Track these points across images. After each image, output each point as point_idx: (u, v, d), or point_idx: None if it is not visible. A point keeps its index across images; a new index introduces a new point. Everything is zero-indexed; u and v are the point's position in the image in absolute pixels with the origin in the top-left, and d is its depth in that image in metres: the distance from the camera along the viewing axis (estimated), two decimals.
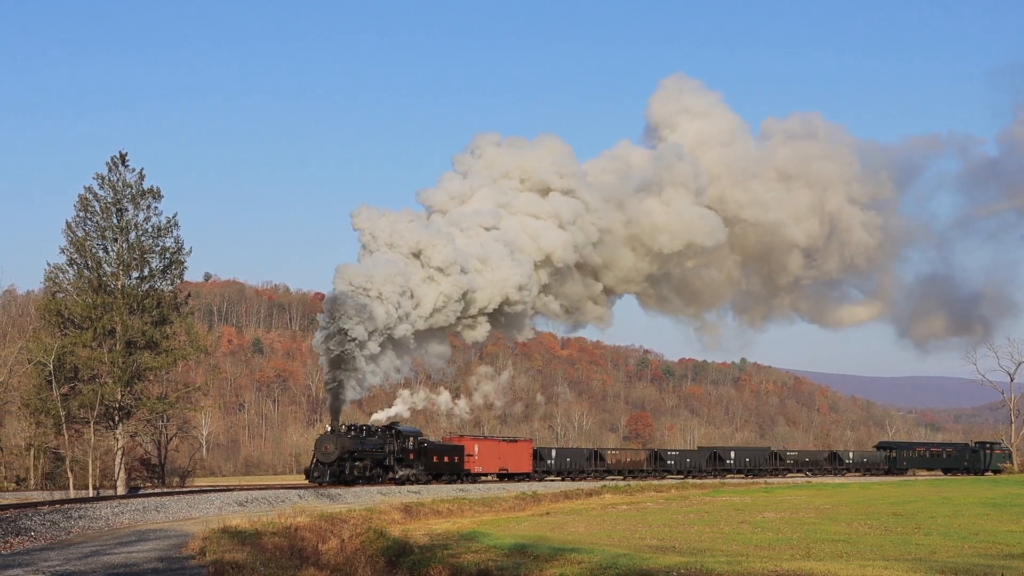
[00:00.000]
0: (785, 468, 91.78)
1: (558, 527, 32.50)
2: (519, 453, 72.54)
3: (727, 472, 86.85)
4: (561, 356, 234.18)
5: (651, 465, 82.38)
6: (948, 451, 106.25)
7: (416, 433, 60.80)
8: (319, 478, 52.72)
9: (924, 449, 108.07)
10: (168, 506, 35.47)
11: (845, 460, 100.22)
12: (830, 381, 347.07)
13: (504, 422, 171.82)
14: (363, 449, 54.70)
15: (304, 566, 22.06)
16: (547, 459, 75.79)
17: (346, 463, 53.20)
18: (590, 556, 21.06)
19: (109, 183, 55.08)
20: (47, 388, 53.09)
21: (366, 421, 65.43)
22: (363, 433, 56.09)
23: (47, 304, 55.73)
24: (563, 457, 78.08)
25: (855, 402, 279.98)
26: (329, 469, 52.60)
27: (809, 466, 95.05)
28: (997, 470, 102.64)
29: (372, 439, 56.08)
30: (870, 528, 30.32)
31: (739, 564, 19.37)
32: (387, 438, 57.39)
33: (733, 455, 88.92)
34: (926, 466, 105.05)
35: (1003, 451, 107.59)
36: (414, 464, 59.04)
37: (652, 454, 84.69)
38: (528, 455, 73.32)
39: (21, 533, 25.90)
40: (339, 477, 52.83)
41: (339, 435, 53.71)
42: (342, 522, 32.15)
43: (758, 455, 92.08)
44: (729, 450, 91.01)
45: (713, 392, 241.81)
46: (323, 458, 52.86)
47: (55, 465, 62.99)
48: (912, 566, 19.26)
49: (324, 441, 53.51)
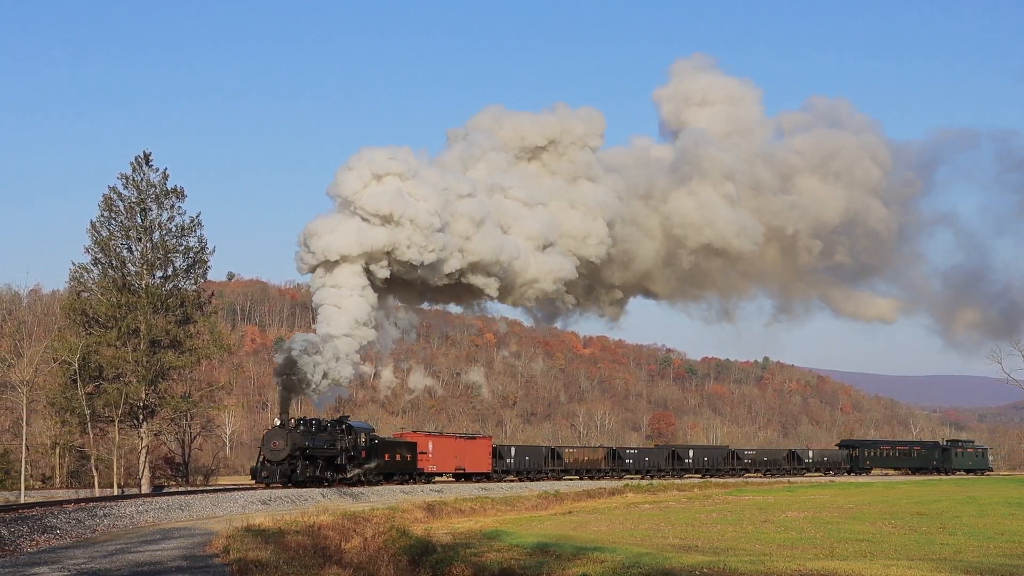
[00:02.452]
0: (743, 468, 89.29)
1: (580, 526, 32.48)
2: (477, 451, 67.52)
3: (685, 471, 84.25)
4: (583, 355, 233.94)
5: (608, 464, 79.30)
6: (917, 449, 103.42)
7: (368, 429, 55.28)
8: (267, 478, 46.61)
9: (890, 448, 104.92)
10: (192, 504, 35.62)
11: (804, 459, 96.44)
12: (854, 380, 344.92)
13: (527, 421, 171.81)
14: (314, 446, 48.46)
15: (327, 565, 22.11)
16: (507, 458, 70.91)
17: (297, 461, 46.97)
18: (613, 555, 21.03)
19: (133, 183, 55.47)
20: (72, 387, 53.48)
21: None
22: (312, 427, 49.56)
23: (72, 303, 56.18)
24: (522, 455, 73.04)
25: (879, 401, 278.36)
26: (279, 468, 46.43)
27: (767, 466, 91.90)
28: (970, 469, 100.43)
29: (323, 435, 49.72)
30: (894, 528, 30.18)
31: (762, 563, 19.30)
32: (337, 433, 51.00)
33: (692, 454, 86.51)
34: (892, 465, 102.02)
35: (977, 450, 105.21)
36: (366, 463, 53.16)
37: (610, 452, 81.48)
38: (487, 453, 68.29)
39: (47, 531, 26.06)
40: (290, 477, 46.75)
41: (289, 430, 47.48)
42: (365, 521, 32.21)
43: (716, 454, 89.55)
44: (688, 449, 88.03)
45: (736, 391, 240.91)
46: (272, 456, 46.61)
47: (80, 464, 63.42)
48: (937, 566, 19.14)
49: (273, 437, 47.04)
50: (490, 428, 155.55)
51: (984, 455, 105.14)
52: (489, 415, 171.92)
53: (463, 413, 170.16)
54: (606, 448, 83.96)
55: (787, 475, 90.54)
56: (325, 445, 49.23)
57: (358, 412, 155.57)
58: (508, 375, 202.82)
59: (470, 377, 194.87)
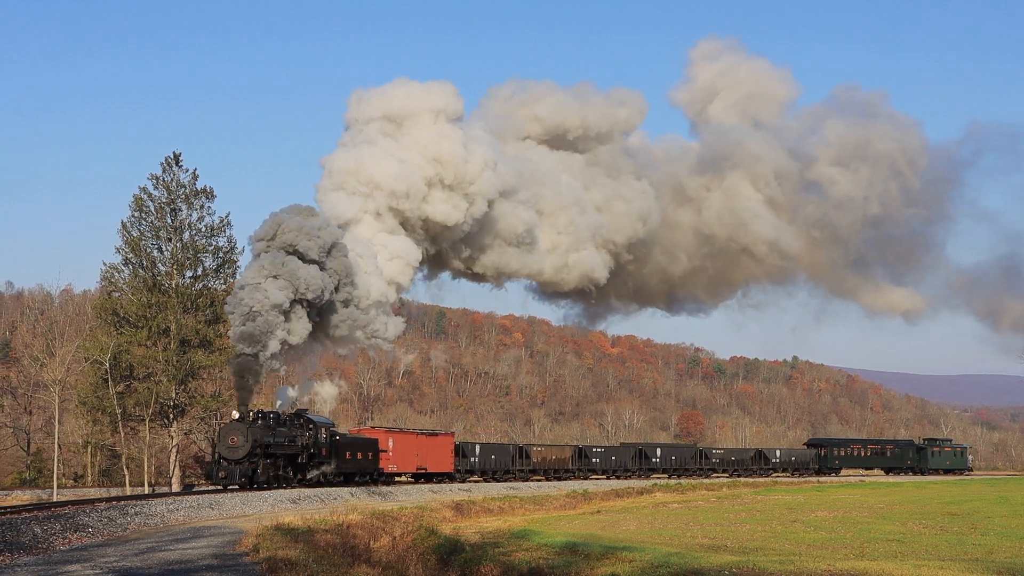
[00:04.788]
0: (711, 468, 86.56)
1: (609, 525, 32.44)
2: (440, 450, 61.40)
3: (652, 471, 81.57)
4: (611, 354, 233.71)
5: (575, 464, 74.99)
6: (890, 448, 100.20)
7: (329, 424, 49.27)
8: (225, 480, 41.06)
9: (861, 447, 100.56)
10: (222, 503, 35.80)
11: (771, 459, 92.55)
12: (883, 379, 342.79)
13: (555, 420, 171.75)
14: (276, 443, 43.02)
15: (356, 563, 22.19)
16: (471, 456, 65.21)
17: (258, 460, 41.58)
18: (641, 555, 20.99)
19: (163, 183, 55.78)
20: (103, 386, 53.88)
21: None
22: (271, 421, 43.65)
23: (103, 303, 56.57)
24: (488, 454, 67.00)
25: (909, 400, 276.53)
26: (239, 468, 40.87)
27: (734, 465, 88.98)
28: (948, 470, 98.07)
29: (283, 430, 44.09)
30: (925, 528, 29.98)
31: (792, 563, 19.21)
32: (297, 428, 45.35)
33: (659, 452, 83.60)
34: (864, 465, 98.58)
35: (955, 448, 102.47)
36: (326, 462, 47.39)
37: (576, 451, 77.48)
38: (449, 452, 62.41)
39: (79, 529, 26.27)
40: (251, 479, 41.34)
41: (250, 424, 41.66)
42: (393, 520, 32.30)
43: (685, 452, 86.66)
44: (655, 447, 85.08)
45: (765, 390, 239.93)
46: (229, 454, 40.96)
47: (111, 462, 63.96)
48: (968, 566, 19.00)
49: (230, 432, 41.31)
50: (518, 427, 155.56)
51: (963, 454, 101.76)
52: (517, 414, 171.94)
53: (491, 412, 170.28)
54: (572, 447, 79.86)
55: (753, 475, 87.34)
56: (286, 441, 43.99)
57: (386, 411, 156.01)
58: (536, 374, 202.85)
59: (498, 372, 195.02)
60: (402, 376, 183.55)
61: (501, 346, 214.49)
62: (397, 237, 53.18)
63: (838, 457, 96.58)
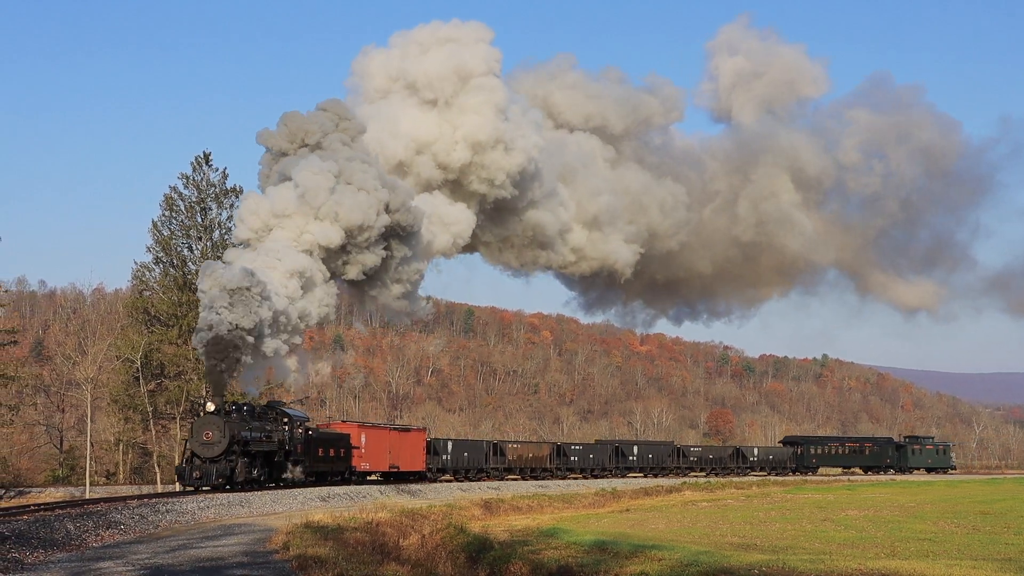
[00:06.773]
0: (688, 466, 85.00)
1: (638, 524, 32.41)
2: (412, 447, 56.98)
3: (629, 470, 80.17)
4: (640, 352, 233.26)
5: (553, 462, 72.38)
6: (868, 446, 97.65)
7: (304, 418, 45.41)
8: (199, 480, 37.08)
9: (838, 444, 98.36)
10: (252, 501, 35.97)
11: (749, 458, 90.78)
12: (915, 377, 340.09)
13: (584, 419, 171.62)
14: (253, 438, 39.26)
15: (385, 561, 22.24)
16: (442, 454, 61.07)
17: (236, 458, 37.75)
18: (671, 553, 20.96)
19: (193, 183, 56.21)
20: (135, 384, 54.33)
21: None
22: (246, 415, 39.89)
23: (134, 302, 57.07)
24: (460, 451, 63.02)
25: (940, 399, 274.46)
26: (215, 467, 36.96)
27: (712, 464, 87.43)
28: (930, 468, 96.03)
29: (258, 424, 40.21)
30: (957, 527, 29.76)
31: (822, 562, 19.13)
32: (271, 422, 41.55)
33: (636, 451, 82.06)
34: (842, 463, 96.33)
35: (937, 447, 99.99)
36: (301, 460, 43.61)
37: (555, 448, 74.71)
38: (421, 449, 57.98)
39: (111, 527, 26.47)
40: (228, 479, 37.52)
41: (227, 418, 37.96)
42: (423, 518, 32.37)
43: (662, 451, 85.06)
44: (632, 445, 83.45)
45: (794, 388, 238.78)
46: (203, 451, 37.08)
47: (143, 460, 64.36)
48: (1001, 566, 18.86)
49: (205, 426, 37.32)
50: (547, 426, 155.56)
51: (946, 452, 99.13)
52: (546, 413, 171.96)
53: (520, 411, 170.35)
54: (551, 444, 76.59)
55: (731, 475, 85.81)
56: (262, 437, 40.20)
57: (415, 409, 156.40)
58: (565, 372, 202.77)
59: (527, 370, 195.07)
60: (431, 374, 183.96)
61: (530, 344, 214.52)
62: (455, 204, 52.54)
63: (815, 455, 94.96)
